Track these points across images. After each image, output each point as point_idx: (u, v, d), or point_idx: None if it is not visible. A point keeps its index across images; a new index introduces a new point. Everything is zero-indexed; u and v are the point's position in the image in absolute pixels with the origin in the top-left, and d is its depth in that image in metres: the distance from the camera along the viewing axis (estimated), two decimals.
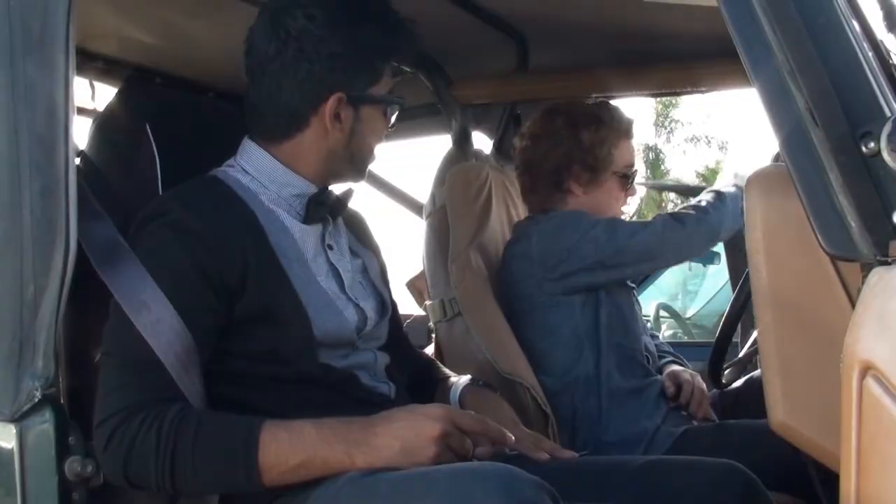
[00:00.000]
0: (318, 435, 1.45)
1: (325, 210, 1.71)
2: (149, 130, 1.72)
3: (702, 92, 2.57)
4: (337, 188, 1.77)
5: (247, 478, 1.44)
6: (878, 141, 1.15)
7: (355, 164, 1.73)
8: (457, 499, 1.31)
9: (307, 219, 1.68)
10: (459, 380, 1.89)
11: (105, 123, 1.76)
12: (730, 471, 1.70)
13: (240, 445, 1.44)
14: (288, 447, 1.45)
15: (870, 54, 1.23)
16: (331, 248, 1.73)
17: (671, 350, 2.66)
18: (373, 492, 1.41)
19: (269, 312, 1.57)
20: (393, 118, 1.74)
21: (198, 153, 1.72)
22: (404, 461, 1.44)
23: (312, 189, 1.69)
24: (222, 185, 1.66)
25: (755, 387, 1.47)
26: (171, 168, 1.73)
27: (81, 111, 1.91)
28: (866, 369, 1.14)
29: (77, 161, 1.55)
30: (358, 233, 1.88)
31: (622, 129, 2.49)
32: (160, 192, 1.71)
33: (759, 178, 1.38)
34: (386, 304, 1.81)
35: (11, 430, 1.42)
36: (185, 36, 2.09)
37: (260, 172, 1.67)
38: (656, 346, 2.62)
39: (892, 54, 1.32)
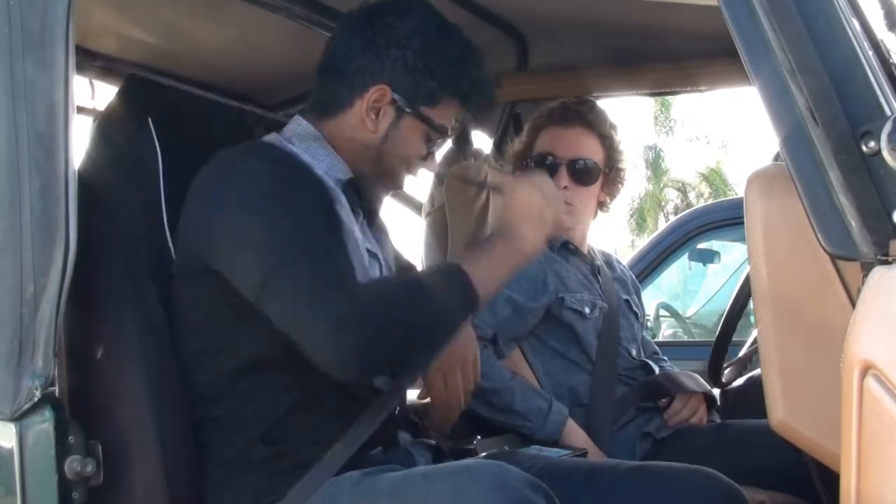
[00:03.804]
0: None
1: (358, 200, 1.74)
2: (150, 125, 1.73)
3: (702, 91, 2.57)
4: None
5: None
6: (878, 140, 1.15)
7: (382, 170, 1.74)
8: (453, 497, 1.34)
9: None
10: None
11: (105, 122, 1.76)
12: (710, 479, 1.71)
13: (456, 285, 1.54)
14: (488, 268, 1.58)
15: (870, 54, 1.23)
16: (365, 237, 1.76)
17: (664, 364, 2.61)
18: (374, 491, 1.43)
19: None
20: (433, 146, 1.77)
21: (197, 151, 1.72)
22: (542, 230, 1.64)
23: (350, 175, 1.73)
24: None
25: (756, 386, 1.47)
26: (171, 165, 1.74)
27: (81, 110, 1.91)
28: (867, 369, 1.14)
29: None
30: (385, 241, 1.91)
31: (542, 118, 2.44)
32: (161, 187, 1.71)
33: (759, 177, 1.38)
34: None
35: (11, 429, 1.42)
36: (186, 35, 2.09)
37: (308, 146, 1.71)
38: (653, 355, 2.60)
39: (892, 54, 1.32)
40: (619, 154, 2.45)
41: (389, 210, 3.03)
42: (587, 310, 2.35)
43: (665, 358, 2.61)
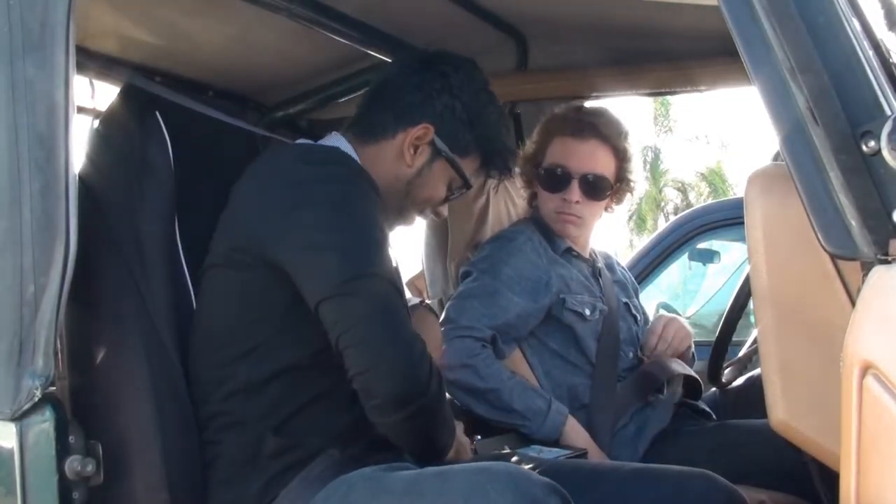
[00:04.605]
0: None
1: None
2: (159, 118, 1.73)
3: (702, 91, 2.57)
4: None
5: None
6: (878, 140, 1.15)
7: (404, 204, 1.84)
8: (470, 497, 1.35)
9: None
10: (411, 300, 2.04)
11: (106, 122, 1.76)
12: (711, 482, 1.72)
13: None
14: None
15: (870, 53, 1.23)
16: None
17: None
18: (387, 488, 1.45)
19: None
20: (452, 194, 1.87)
21: (197, 151, 1.73)
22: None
23: None
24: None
25: (756, 386, 1.47)
26: (183, 162, 1.74)
27: (81, 110, 1.91)
28: (866, 368, 1.14)
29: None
30: None
31: (556, 125, 2.45)
32: (172, 183, 1.72)
33: (759, 177, 1.38)
34: None
35: (11, 429, 1.42)
36: (185, 35, 2.08)
37: None
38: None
39: (892, 53, 1.31)
40: (631, 164, 2.45)
41: None
42: (587, 312, 2.36)
43: None
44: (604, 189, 2.40)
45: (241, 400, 1.61)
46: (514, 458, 1.87)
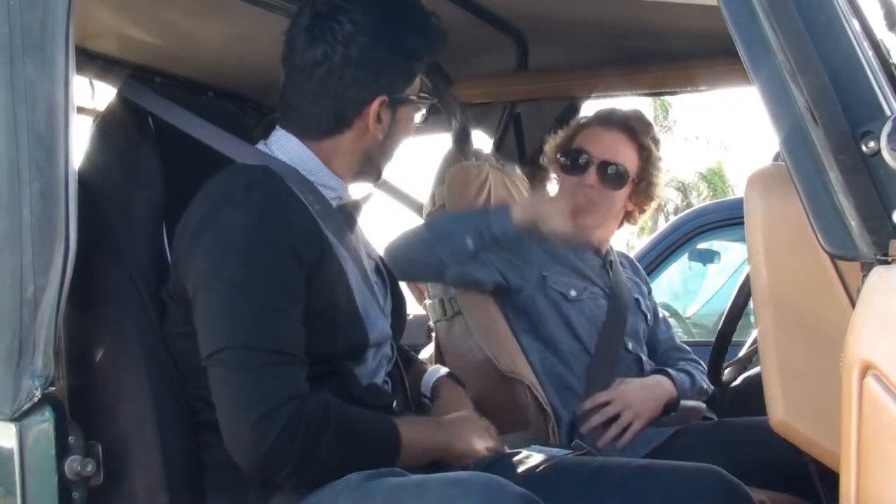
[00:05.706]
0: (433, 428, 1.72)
1: (353, 219, 1.77)
2: (151, 123, 1.73)
3: (702, 91, 2.57)
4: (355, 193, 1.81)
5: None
6: (878, 140, 1.15)
7: (383, 163, 1.78)
8: None
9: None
10: (438, 369, 1.96)
11: (105, 123, 1.76)
12: (716, 477, 1.71)
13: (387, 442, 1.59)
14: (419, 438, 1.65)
15: (870, 53, 1.23)
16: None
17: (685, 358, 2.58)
18: (369, 498, 1.45)
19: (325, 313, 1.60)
20: (419, 116, 1.81)
21: (197, 151, 1.73)
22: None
23: (346, 193, 1.74)
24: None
25: (755, 385, 1.47)
26: (172, 165, 1.73)
27: (81, 110, 1.91)
28: (866, 368, 1.14)
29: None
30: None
31: (586, 120, 2.49)
32: (161, 188, 1.71)
33: (759, 177, 1.38)
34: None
35: (11, 429, 1.42)
36: (185, 35, 2.08)
37: (298, 164, 1.69)
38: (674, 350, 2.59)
39: (892, 53, 1.31)
40: (655, 168, 2.45)
41: (390, 210, 3.05)
42: (573, 293, 2.37)
43: (691, 358, 2.57)
44: (620, 180, 2.40)
45: None
46: (523, 455, 1.87)
